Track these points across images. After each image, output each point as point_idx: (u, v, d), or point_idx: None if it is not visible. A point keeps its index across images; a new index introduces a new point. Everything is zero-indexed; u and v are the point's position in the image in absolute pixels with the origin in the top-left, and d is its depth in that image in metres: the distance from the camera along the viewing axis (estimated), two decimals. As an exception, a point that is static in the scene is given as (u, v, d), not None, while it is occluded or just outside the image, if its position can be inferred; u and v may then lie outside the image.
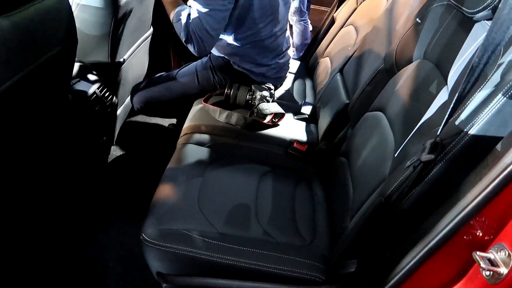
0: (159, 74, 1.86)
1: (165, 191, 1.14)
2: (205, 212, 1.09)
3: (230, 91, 1.55)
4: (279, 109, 1.55)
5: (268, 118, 1.52)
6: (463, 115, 0.72)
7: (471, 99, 0.71)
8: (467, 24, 0.89)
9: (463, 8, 0.89)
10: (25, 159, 1.10)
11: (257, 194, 1.21)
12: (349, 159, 1.19)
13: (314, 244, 1.08)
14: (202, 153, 1.33)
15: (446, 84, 0.89)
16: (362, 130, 1.18)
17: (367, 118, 1.19)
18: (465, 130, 0.70)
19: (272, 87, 1.59)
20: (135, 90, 1.83)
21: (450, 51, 0.92)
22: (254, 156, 1.37)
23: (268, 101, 1.55)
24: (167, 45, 2.33)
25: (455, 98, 0.67)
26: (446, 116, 0.69)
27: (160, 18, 2.08)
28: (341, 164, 1.22)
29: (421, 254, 0.70)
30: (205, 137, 1.42)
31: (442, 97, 0.88)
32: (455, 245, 0.70)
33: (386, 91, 1.15)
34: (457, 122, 0.73)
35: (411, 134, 0.90)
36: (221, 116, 1.48)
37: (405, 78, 1.07)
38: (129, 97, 1.91)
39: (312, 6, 3.42)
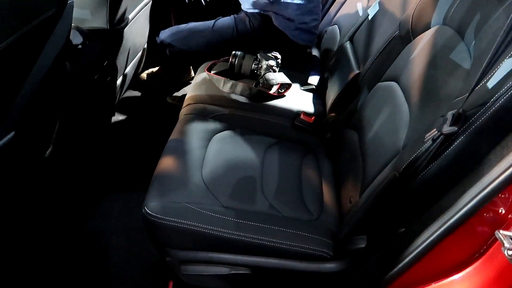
0: (192, 24, 1.82)
1: (167, 163, 1.10)
2: (209, 185, 1.05)
3: (235, 60, 1.48)
4: (286, 79, 1.48)
5: (274, 89, 1.46)
6: (490, 84, 0.66)
7: (498, 67, 0.65)
8: (494, -15, 0.81)
9: (490, -33, 0.82)
10: (20, 130, 1.05)
11: (262, 166, 1.17)
12: (359, 132, 1.13)
13: (321, 219, 1.05)
14: (205, 124, 1.28)
15: (469, 51, 0.83)
16: (374, 101, 1.13)
17: (380, 88, 1.13)
18: (492, 100, 0.64)
19: (279, 56, 1.51)
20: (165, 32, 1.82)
21: (473, 16, 0.85)
22: (260, 128, 1.32)
23: (274, 71, 1.48)
24: (168, 11, 2.24)
25: (484, 65, 0.61)
26: (473, 85, 0.63)
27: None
28: (350, 136, 1.17)
29: (439, 232, 0.66)
30: (209, 107, 1.37)
31: (464, 65, 0.82)
32: (475, 222, 0.66)
33: (400, 60, 1.08)
34: (482, 92, 0.67)
35: (429, 104, 0.85)
36: (225, 86, 1.42)
37: (422, 46, 1.00)
38: (129, 66, 1.84)
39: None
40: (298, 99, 1.49)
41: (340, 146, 1.23)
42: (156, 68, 2.21)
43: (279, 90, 1.47)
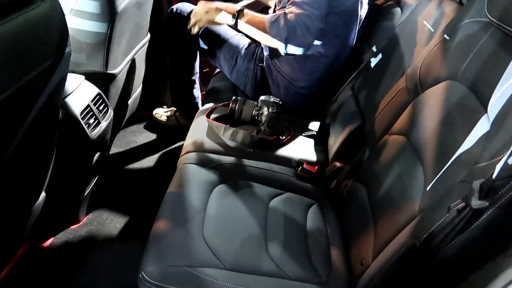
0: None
1: (165, 220, 1.03)
2: (211, 244, 0.98)
3: (235, 106, 1.45)
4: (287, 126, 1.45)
5: (275, 136, 1.42)
6: (518, 154, 0.63)
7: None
8: (510, 44, 0.80)
9: (506, 26, 0.80)
10: (12, 181, 0.98)
11: (266, 221, 1.11)
12: (367, 187, 1.09)
13: (330, 282, 0.98)
14: (205, 174, 1.22)
15: (486, 112, 0.80)
16: (382, 155, 1.09)
17: (388, 142, 1.09)
18: (523, 171, 0.60)
19: (280, 102, 1.48)
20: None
21: (489, 75, 0.83)
22: (262, 178, 1.27)
23: (275, 118, 1.44)
24: (163, 52, 2.22)
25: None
26: (506, 156, 0.59)
27: (157, 24, 1.98)
28: (358, 190, 1.12)
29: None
30: (208, 156, 1.31)
31: (482, 126, 0.78)
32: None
33: (409, 114, 1.05)
34: (510, 161, 0.63)
35: (446, 167, 0.81)
36: (225, 133, 1.38)
37: (433, 101, 0.97)
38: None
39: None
40: (299, 147, 1.45)
41: (347, 200, 1.18)
42: (168, 110, 2.22)
43: (280, 137, 1.43)
